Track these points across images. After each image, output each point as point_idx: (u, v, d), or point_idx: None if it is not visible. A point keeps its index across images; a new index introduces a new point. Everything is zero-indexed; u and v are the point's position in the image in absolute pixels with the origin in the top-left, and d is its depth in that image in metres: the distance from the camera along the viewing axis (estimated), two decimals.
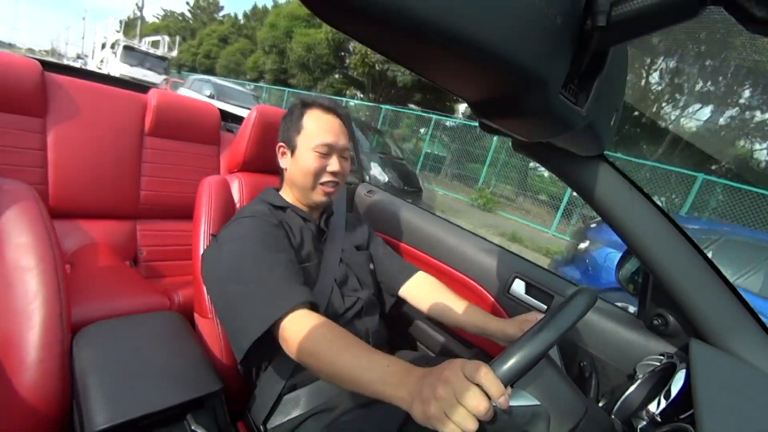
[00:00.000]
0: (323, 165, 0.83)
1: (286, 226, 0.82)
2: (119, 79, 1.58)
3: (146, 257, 1.41)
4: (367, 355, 0.53)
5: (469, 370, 0.42)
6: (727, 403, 0.52)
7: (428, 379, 0.44)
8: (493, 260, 1.06)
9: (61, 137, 1.22)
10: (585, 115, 0.39)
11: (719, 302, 0.68)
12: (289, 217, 0.85)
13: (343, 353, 0.54)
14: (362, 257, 0.96)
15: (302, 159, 0.83)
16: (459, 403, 0.39)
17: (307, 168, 0.82)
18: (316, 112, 0.84)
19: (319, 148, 0.82)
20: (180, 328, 0.83)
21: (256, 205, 0.83)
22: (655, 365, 0.70)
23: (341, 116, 0.87)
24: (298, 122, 0.84)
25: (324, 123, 0.84)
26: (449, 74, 0.32)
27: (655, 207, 0.69)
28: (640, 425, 0.61)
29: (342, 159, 0.86)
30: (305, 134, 0.83)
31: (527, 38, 0.28)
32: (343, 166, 0.86)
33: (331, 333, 0.59)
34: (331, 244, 0.90)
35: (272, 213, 0.82)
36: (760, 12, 0.25)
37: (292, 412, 0.73)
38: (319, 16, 0.23)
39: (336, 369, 0.54)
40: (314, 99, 0.87)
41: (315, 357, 0.57)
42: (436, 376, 0.43)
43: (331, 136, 0.83)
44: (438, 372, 0.43)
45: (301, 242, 0.83)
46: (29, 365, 0.61)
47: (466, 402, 0.39)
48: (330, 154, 0.84)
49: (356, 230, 1.02)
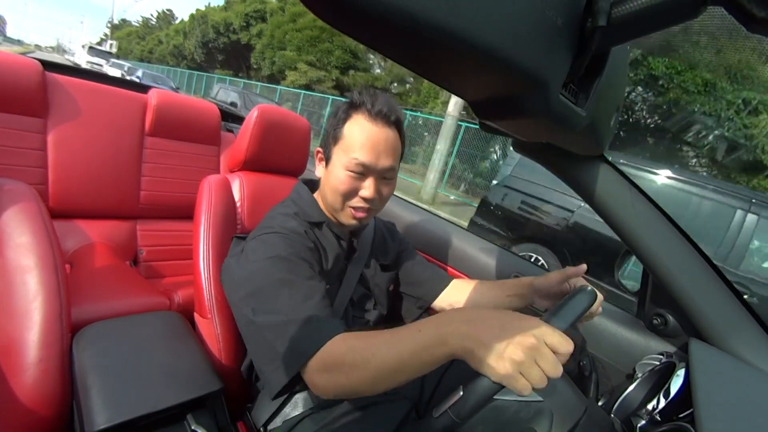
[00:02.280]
0: (355, 187, 0.70)
1: (320, 247, 0.74)
2: (120, 79, 1.58)
3: (146, 257, 1.41)
4: (396, 336, 0.50)
5: (541, 333, 0.43)
6: (727, 403, 0.52)
7: (496, 335, 0.43)
8: (492, 260, 1.06)
9: (62, 137, 1.22)
10: (585, 116, 0.39)
11: (719, 302, 0.68)
12: (324, 234, 0.76)
13: (377, 351, 0.50)
14: (385, 278, 0.88)
15: (333, 175, 0.71)
16: (536, 364, 0.41)
17: (336, 187, 0.70)
18: (361, 120, 0.69)
19: (352, 167, 0.68)
20: (180, 328, 0.83)
21: (289, 220, 0.73)
22: (654, 364, 0.70)
23: (395, 125, 0.71)
24: (338, 128, 0.71)
25: (366, 135, 0.68)
26: (449, 74, 0.32)
27: (655, 207, 0.69)
28: (640, 424, 0.61)
29: (382, 182, 0.72)
30: (342, 146, 0.70)
31: (527, 39, 0.28)
32: (381, 191, 0.72)
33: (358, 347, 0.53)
34: (356, 263, 0.82)
35: (308, 233, 0.73)
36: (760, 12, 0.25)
37: (290, 413, 0.73)
38: (319, 16, 0.23)
39: (378, 371, 0.49)
40: (363, 99, 0.69)
41: (356, 380, 0.51)
42: (511, 338, 0.42)
43: (371, 155, 0.68)
44: (510, 330, 0.43)
45: (332, 265, 0.76)
46: (29, 365, 0.61)
47: (543, 365, 0.41)
48: (366, 175, 0.70)
49: (386, 245, 0.92)
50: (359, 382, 0.51)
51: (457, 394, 0.48)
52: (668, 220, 0.69)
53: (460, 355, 0.45)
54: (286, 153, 1.09)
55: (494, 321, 0.45)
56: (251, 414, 0.76)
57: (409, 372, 0.49)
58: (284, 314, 0.59)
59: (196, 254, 0.85)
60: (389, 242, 0.94)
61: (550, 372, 0.41)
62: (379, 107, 0.69)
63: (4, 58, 1.10)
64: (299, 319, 0.58)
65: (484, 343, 0.43)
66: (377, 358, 0.49)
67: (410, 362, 0.48)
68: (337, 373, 0.52)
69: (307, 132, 1.11)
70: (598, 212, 0.71)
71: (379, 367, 0.49)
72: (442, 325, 0.47)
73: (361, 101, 0.70)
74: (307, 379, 0.56)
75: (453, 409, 0.47)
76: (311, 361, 0.55)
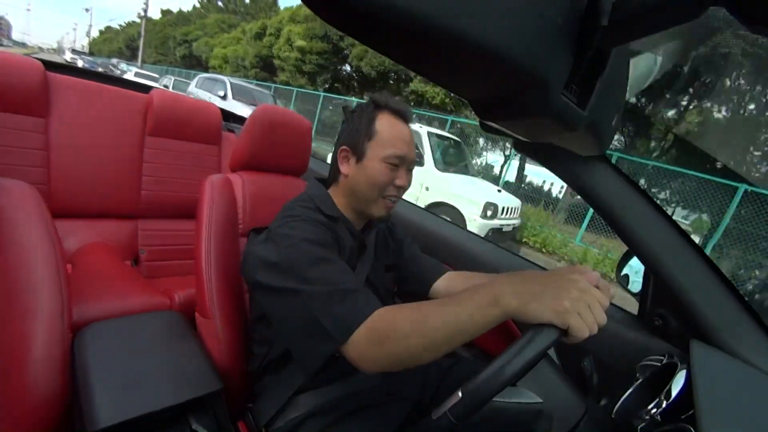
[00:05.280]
0: (392, 178, 0.76)
1: (338, 241, 0.77)
2: (121, 79, 1.59)
3: (147, 257, 1.41)
4: (446, 302, 0.52)
5: (586, 284, 0.48)
6: (728, 404, 0.52)
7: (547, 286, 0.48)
8: (492, 259, 1.06)
9: (63, 137, 1.22)
10: (586, 116, 0.39)
11: (720, 303, 0.68)
12: (340, 230, 0.79)
13: (428, 318, 0.52)
14: (389, 279, 0.91)
15: (371, 168, 0.75)
16: (589, 309, 0.46)
17: (375, 179, 0.75)
18: (390, 118, 0.77)
19: (391, 159, 0.75)
20: (181, 328, 0.83)
21: (310, 212, 0.75)
22: (655, 365, 0.70)
23: (409, 123, 0.80)
24: (369, 126, 0.76)
25: (398, 131, 0.76)
26: (450, 74, 0.32)
27: (655, 207, 0.69)
28: (641, 425, 0.61)
29: (408, 172, 0.80)
30: (378, 141, 0.75)
31: (528, 39, 0.28)
32: (409, 180, 0.80)
33: (406, 316, 0.54)
34: (364, 262, 0.84)
35: (328, 225, 0.75)
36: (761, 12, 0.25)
37: (292, 413, 0.73)
38: (320, 15, 0.23)
39: (431, 336, 0.51)
40: (387, 101, 0.78)
41: (407, 347, 0.52)
42: (562, 288, 0.47)
43: (405, 148, 0.76)
44: (558, 281, 0.48)
45: (347, 260, 0.77)
46: (30, 364, 0.61)
47: (594, 310, 0.46)
48: (400, 166, 0.77)
49: (388, 245, 0.94)
50: (411, 350, 0.52)
51: (455, 397, 0.48)
52: (668, 220, 0.69)
53: (513, 313, 0.48)
54: (288, 153, 1.09)
55: (541, 277, 0.49)
56: (252, 414, 0.76)
57: (461, 336, 0.50)
58: (331, 284, 0.60)
59: (197, 254, 0.85)
60: (390, 242, 0.95)
61: (599, 318, 0.46)
62: (400, 107, 0.78)
63: (6, 59, 1.10)
64: (345, 289, 0.59)
65: (537, 295, 0.47)
66: (429, 324, 0.51)
67: (464, 325, 0.49)
68: (388, 341, 0.53)
69: (309, 132, 1.11)
70: (599, 212, 0.71)
71: (432, 332, 0.50)
72: (492, 286, 0.50)
73: (386, 102, 0.77)
74: (354, 351, 0.56)
75: (452, 411, 0.47)
76: (360, 330, 0.55)
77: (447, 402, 0.49)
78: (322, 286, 0.59)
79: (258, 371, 0.78)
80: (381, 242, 0.92)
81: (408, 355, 0.52)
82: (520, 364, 0.46)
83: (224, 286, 0.83)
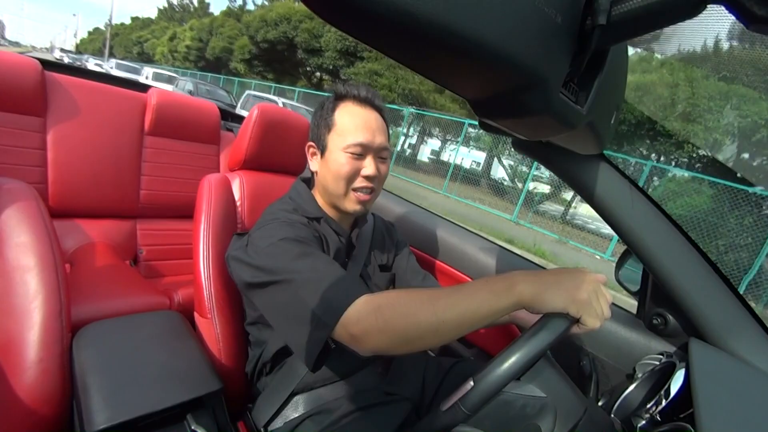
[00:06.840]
0: (356, 168, 0.73)
1: (323, 238, 0.76)
2: (120, 78, 1.58)
3: (146, 257, 1.41)
4: (466, 287, 0.53)
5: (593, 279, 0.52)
6: (727, 403, 0.52)
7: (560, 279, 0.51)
8: (492, 259, 1.06)
9: (61, 136, 1.22)
10: (585, 114, 0.39)
11: (719, 302, 0.68)
12: (323, 229, 0.78)
13: (441, 300, 0.51)
14: (384, 279, 0.88)
15: (333, 161, 0.73)
16: (599, 301, 0.50)
17: (338, 171, 0.73)
18: (350, 106, 0.74)
19: (351, 149, 0.72)
20: (180, 328, 0.83)
21: (291, 213, 0.75)
22: (654, 364, 0.70)
23: (379, 109, 0.77)
24: (328, 118, 0.74)
25: (358, 118, 0.73)
26: (449, 73, 0.32)
27: (655, 207, 0.69)
28: (640, 424, 0.61)
29: (379, 160, 0.76)
30: (336, 132, 0.73)
31: (527, 37, 0.28)
32: (380, 169, 0.75)
33: (414, 295, 0.54)
34: (355, 261, 0.82)
35: (309, 225, 0.74)
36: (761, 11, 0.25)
37: (291, 414, 0.73)
38: (319, 15, 0.23)
39: (444, 315, 0.50)
40: (348, 89, 0.75)
41: (414, 323, 0.51)
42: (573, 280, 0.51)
43: (366, 134, 0.72)
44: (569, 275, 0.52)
45: (334, 258, 0.76)
46: (29, 364, 0.61)
47: (602, 302, 0.51)
48: (364, 155, 0.73)
49: (384, 244, 0.92)
50: (420, 327, 0.51)
51: (466, 386, 0.48)
52: (668, 219, 0.69)
53: (528, 301, 0.49)
54: (286, 152, 1.09)
55: (554, 272, 0.53)
56: (252, 414, 0.76)
57: (471, 321, 0.51)
58: (316, 272, 0.60)
59: (196, 253, 0.85)
60: (388, 242, 0.94)
61: (606, 311, 0.50)
62: (364, 93, 0.75)
63: (4, 58, 1.10)
64: (332, 276, 0.59)
65: (553, 284, 0.50)
66: (440, 304, 0.51)
67: (476, 309, 0.50)
68: (394, 317, 0.52)
69: (307, 131, 1.11)
70: (598, 211, 0.71)
71: (443, 312, 0.50)
72: (508, 275, 0.52)
73: (347, 91, 0.75)
74: (356, 326, 0.54)
75: (463, 401, 0.47)
76: (358, 303, 0.54)
77: (457, 392, 0.49)
78: (309, 273, 0.60)
79: (254, 372, 0.78)
80: (378, 240, 0.91)
81: (415, 332, 0.51)
82: (533, 351, 0.47)
83: (222, 286, 0.83)
